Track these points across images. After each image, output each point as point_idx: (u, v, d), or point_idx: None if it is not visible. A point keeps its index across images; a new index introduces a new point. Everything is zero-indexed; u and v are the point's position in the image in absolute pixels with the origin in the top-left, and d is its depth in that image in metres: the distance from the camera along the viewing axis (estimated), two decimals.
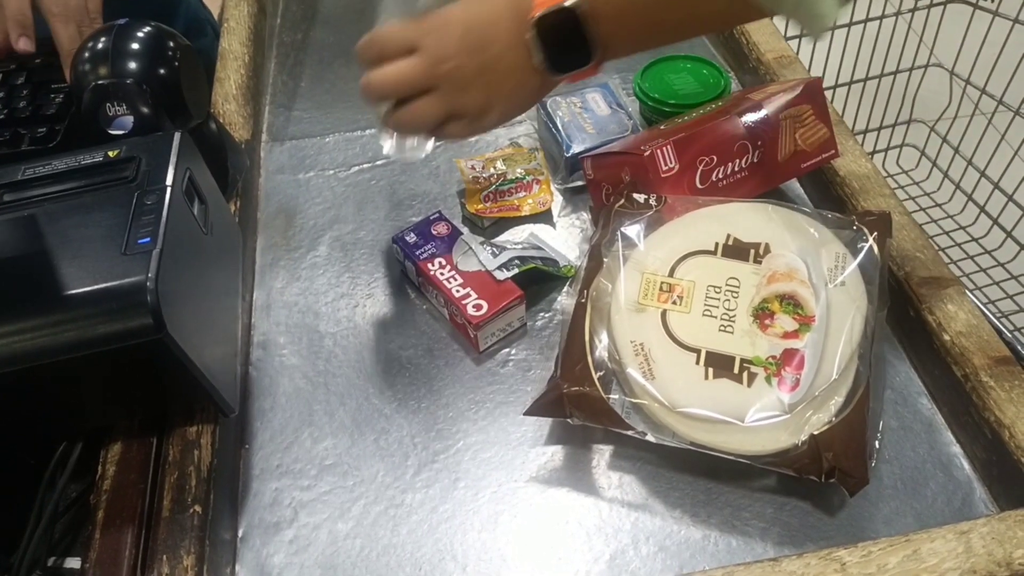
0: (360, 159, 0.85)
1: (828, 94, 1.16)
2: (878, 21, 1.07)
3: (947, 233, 1.15)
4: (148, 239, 0.49)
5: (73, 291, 0.46)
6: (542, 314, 0.69)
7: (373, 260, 0.75)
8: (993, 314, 0.96)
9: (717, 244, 0.60)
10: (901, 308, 0.62)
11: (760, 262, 0.59)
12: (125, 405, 0.55)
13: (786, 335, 0.54)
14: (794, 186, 0.77)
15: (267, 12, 1.06)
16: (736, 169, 0.66)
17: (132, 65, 0.61)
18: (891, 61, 1.12)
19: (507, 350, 0.66)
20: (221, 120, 0.81)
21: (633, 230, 0.62)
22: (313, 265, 0.75)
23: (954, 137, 1.12)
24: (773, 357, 0.54)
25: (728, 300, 0.56)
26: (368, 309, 0.70)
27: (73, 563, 0.55)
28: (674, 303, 0.57)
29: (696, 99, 0.78)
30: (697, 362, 0.54)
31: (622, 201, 0.64)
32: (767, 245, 0.60)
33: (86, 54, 0.62)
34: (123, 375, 0.51)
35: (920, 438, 0.58)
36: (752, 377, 0.53)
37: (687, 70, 0.82)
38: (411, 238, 0.69)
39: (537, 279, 0.69)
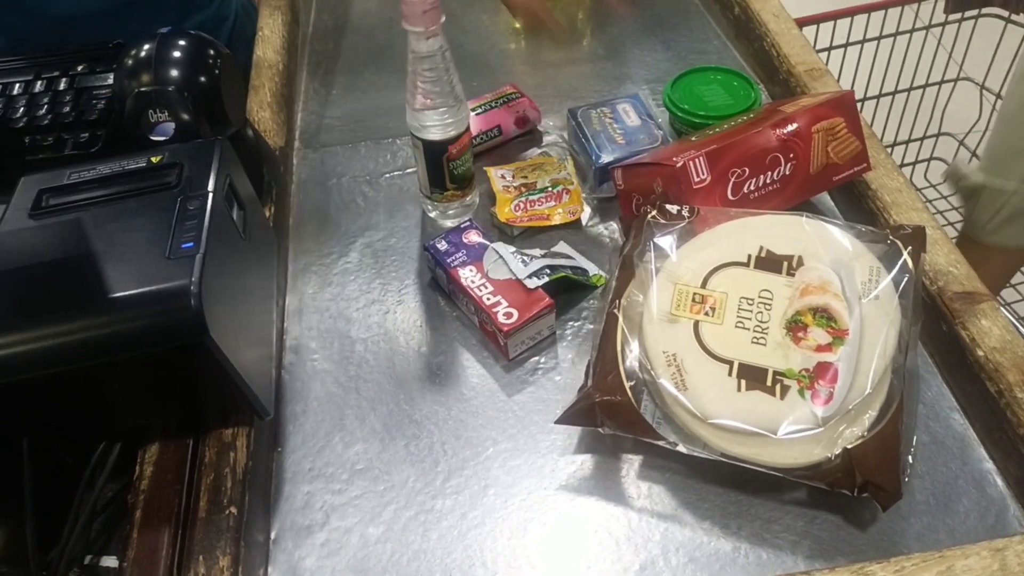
0: (391, 167, 0.86)
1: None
2: (908, 34, 1.07)
3: (943, 228, 1.13)
4: (192, 243, 0.50)
5: (120, 293, 0.47)
6: (571, 323, 0.69)
7: (404, 267, 0.75)
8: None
9: (750, 256, 0.60)
10: (934, 323, 0.62)
11: (793, 274, 0.59)
12: (164, 406, 0.56)
13: (819, 348, 0.54)
14: (826, 199, 0.77)
15: (300, 21, 1.07)
16: (768, 181, 0.66)
17: (174, 73, 0.63)
18: (921, 74, 1.12)
19: (536, 358, 0.67)
20: (256, 127, 0.83)
21: (665, 241, 0.62)
22: (344, 271, 0.76)
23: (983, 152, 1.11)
24: (806, 370, 0.54)
25: (761, 312, 0.56)
26: (399, 315, 0.71)
27: (110, 561, 0.56)
28: (707, 314, 0.57)
29: (726, 111, 0.78)
30: (730, 374, 0.54)
31: (653, 212, 0.64)
32: (800, 258, 0.60)
33: (129, 62, 0.64)
34: (164, 376, 0.52)
35: (952, 454, 0.57)
36: (785, 390, 0.53)
37: (717, 82, 0.82)
38: (443, 246, 0.70)
39: (567, 288, 0.69)
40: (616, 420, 0.55)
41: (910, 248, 0.59)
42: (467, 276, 0.67)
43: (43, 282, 0.49)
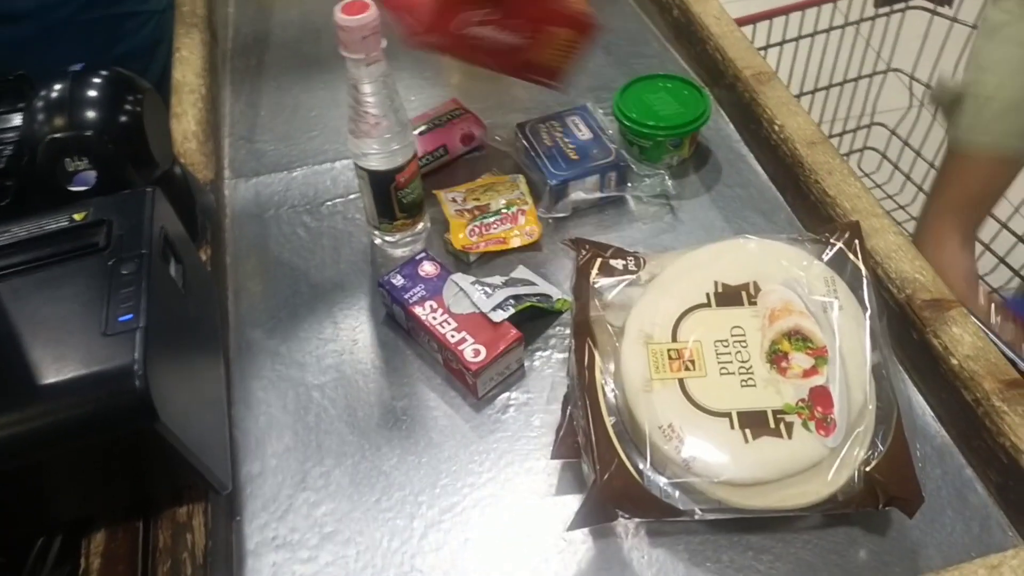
0: (332, 193, 0.81)
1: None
2: (841, 29, 1.08)
3: (908, 234, 1.16)
4: (131, 315, 0.45)
5: (52, 379, 0.42)
6: (539, 352, 0.66)
7: (356, 303, 0.71)
8: None
9: (708, 295, 0.58)
10: (904, 331, 0.61)
11: (755, 303, 0.57)
12: (109, 495, 0.51)
13: (806, 373, 0.53)
14: (783, 208, 0.76)
15: (218, 37, 1.01)
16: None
17: (91, 115, 0.57)
18: (852, 68, 1.13)
19: (507, 394, 0.64)
20: (181, 160, 0.77)
21: (618, 300, 0.60)
22: (292, 311, 0.71)
23: (915, 140, 1.14)
24: (802, 400, 0.52)
25: (739, 351, 0.55)
26: (356, 356, 0.67)
27: None
28: (687, 368, 0.54)
29: (677, 119, 0.77)
30: (732, 426, 0.52)
31: (596, 272, 0.61)
32: (755, 283, 0.58)
33: (40, 104, 0.57)
34: (108, 464, 0.47)
35: (932, 462, 0.57)
36: (789, 427, 0.51)
37: (666, 90, 0.80)
38: (398, 280, 0.66)
39: (531, 316, 0.66)
40: (631, 509, 0.52)
41: (853, 246, 0.60)
42: (427, 313, 0.64)
43: None
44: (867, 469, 0.50)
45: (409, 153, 0.67)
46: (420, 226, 0.74)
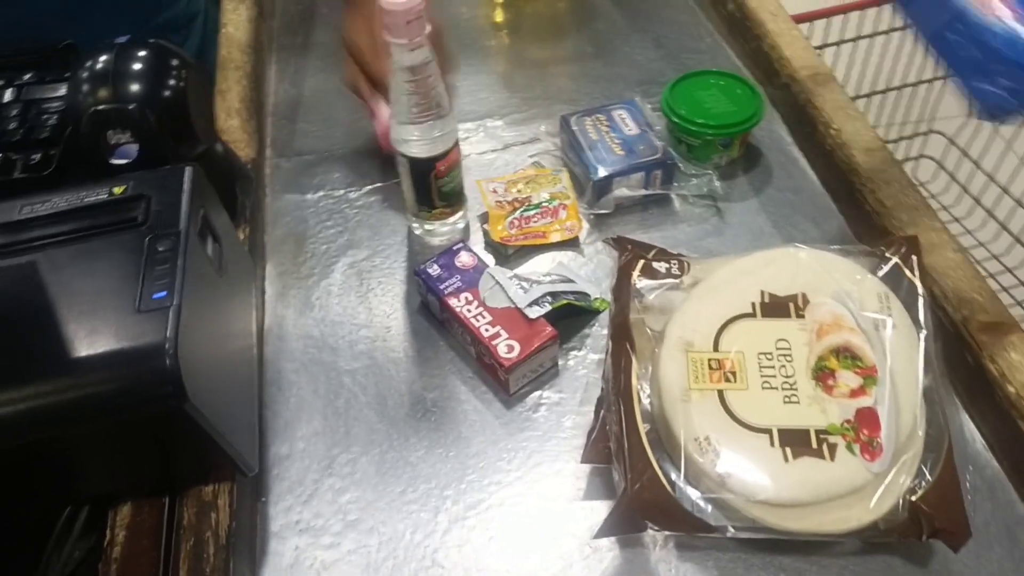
0: (373, 177, 0.80)
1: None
2: (901, 32, 1.04)
3: (967, 251, 1.12)
4: (164, 293, 0.44)
5: (83, 354, 0.41)
6: (574, 352, 0.65)
7: (391, 289, 0.70)
8: None
9: (754, 304, 0.56)
10: (957, 354, 0.59)
11: (803, 316, 0.55)
12: (137, 471, 0.51)
13: (853, 393, 0.51)
14: (837, 220, 0.73)
15: (265, 14, 1.00)
16: None
17: (135, 88, 0.57)
18: (912, 73, 1.09)
19: (539, 392, 0.62)
20: (225, 138, 0.76)
21: (659, 303, 0.58)
22: (327, 294, 0.70)
23: (974, 151, 1.09)
24: (848, 421, 0.50)
25: (784, 366, 0.52)
26: (388, 344, 0.66)
27: None
28: (728, 380, 0.52)
29: (729, 119, 0.74)
30: (772, 443, 0.50)
31: (637, 273, 0.60)
32: (804, 295, 0.56)
33: (84, 75, 0.57)
34: (136, 442, 0.46)
35: (982, 495, 0.55)
36: (832, 449, 0.49)
37: (718, 87, 0.78)
38: (434, 270, 0.65)
39: (567, 313, 0.65)
40: (662, 521, 0.50)
41: (909, 261, 0.57)
42: (462, 305, 0.63)
43: None
44: (913, 498, 0.48)
45: (451, 141, 0.66)
46: (459, 215, 0.72)
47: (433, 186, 0.68)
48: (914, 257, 0.58)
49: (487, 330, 0.61)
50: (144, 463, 0.50)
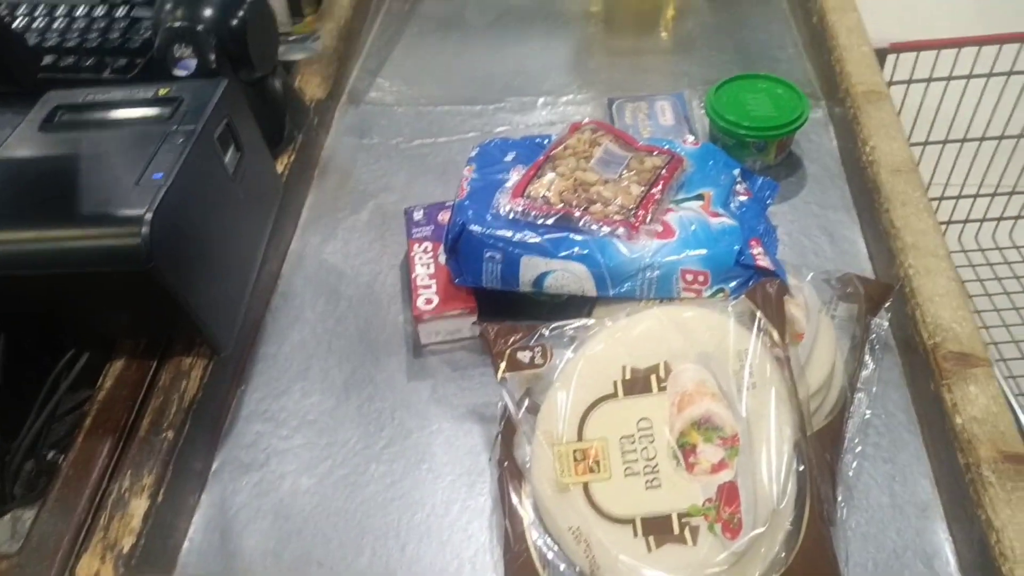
0: (425, 134, 0.86)
1: (935, 149, 1.08)
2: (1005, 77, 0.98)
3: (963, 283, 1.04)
4: (161, 174, 0.52)
5: (79, 211, 0.50)
6: None
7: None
8: None
9: (616, 383, 0.53)
10: (922, 380, 0.57)
11: (664, 387, 0.52)
12: (126, 323, 0.59)
13: (715, 468, 0.48)
14: (854, 236, 0.71)
15: None
16: None
17: (205, 12, 0.65)
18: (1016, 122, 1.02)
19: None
20: (299, 77, 0.85)
21: (527, 390, 0.56)
22: (352, 227, 0.77)
23: None
24: (709, 500, 0.47)
25: (646, 448, 0.50)
26: (388, 278, 0.72)
27: None
28: (592, 470, 0.50)
29: (764, 121, 0.74)
30: (635, 534, 0.47)
31: (503, 368, 0.56)
32: (666, 364, 0.52)
33: None
34: (121, 295, 0.54)
35: (909, 522, 0.53)
36: (695, 532, 0.47)
37: (764, 91, 0.77)
38: (418, 215, 0.70)
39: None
40: None
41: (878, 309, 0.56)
42: (419, 251, 0.67)
43: (24, 189, 0.53)
44: (780, 571, 0.46)
45: None
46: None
47: None
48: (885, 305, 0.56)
49: (423, 280, 0.65)
50: (133, 316, 0.58)
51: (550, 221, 0.60)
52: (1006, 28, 1.02)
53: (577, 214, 0.60)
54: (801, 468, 0.49)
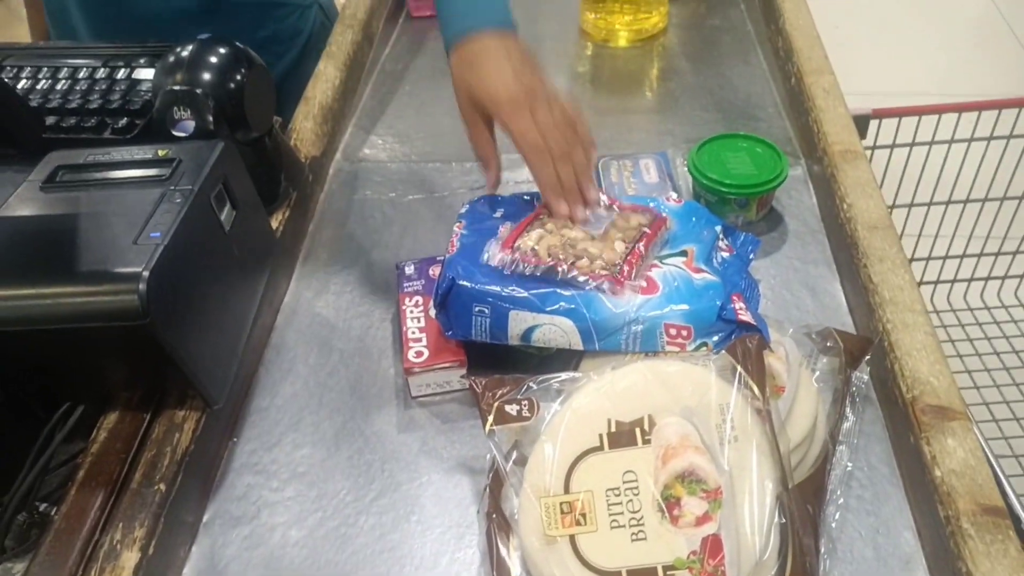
0: (419, 190, 0.89)
1: (939, 209, 1.11)
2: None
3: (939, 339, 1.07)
4: (159, 233, 0.53)
5: (77, 269, 0.51)
6: None
7: None
8: None
9: (601, 436, 0.54)
10: (903, 433, 0.58)
11: (649, 440, 0.53)
12: (121, 376, 0.60)
13: (699, 521, 0.49)
14: (835, 291, 0.73)
15: (374, 41, 1.12)
16: None
17: (203, 76, 0.68)
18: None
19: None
20: (295, 135, 0.88)
21: (514, 443, 0.57)
22: (344, 281, 0.79)
23: None
24: (694, 552, 0.48)
25: (631, 500, 0.51)
26: (379, 333, 0.73)
27: None
28: (579, 523, 0.51)
29: (745, 179, 0.76)
30: None
31: (491, 422, 0.57)
32: (650, 417, 0.54)
33: (170, 59, 0.69)
34: (117, 349, 0.55)
35: (892, 574, 0.54)
36: None
37: (747, 150, 0.80)
38: (409, 269, 0.72)
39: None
40: None
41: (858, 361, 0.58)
42: (409, 305, 0.68)
43: (25, 247, 0.54)
44: None
45: None
46: None
47: None
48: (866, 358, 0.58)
49: (413, 333, 0.66)
50: (128, 372, 0.59)
51: (538, 272, 0.62)
52: (976, 85, 1.06)
53: (564, 268, 0.61)
54: (783, 520, 0.50)
